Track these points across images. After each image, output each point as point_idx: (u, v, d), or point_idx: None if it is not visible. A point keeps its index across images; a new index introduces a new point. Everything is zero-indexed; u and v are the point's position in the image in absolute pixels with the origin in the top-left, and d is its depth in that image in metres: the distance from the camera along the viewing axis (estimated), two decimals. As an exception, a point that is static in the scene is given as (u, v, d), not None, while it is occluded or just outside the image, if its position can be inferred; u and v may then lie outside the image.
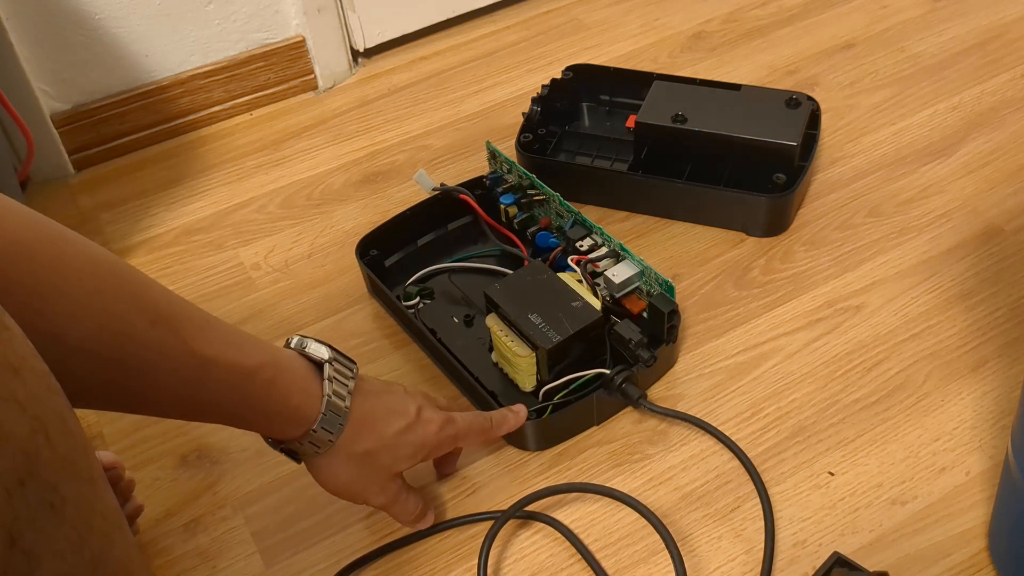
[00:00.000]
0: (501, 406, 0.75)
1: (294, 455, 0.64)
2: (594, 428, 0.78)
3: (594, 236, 0.86)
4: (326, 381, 0.62)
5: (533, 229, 0.90)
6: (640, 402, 0.76)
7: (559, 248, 0.87)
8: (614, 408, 0.79)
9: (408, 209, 0.92)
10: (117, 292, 0.51)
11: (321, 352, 0.63)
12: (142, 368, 0.53)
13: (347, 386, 0.63)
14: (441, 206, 0.93)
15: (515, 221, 0.91)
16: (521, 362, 0.77)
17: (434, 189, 0.91)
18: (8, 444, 0.34)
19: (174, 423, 0.81)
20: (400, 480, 0.68)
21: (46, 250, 0.48)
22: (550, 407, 0.76)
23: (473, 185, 0.93)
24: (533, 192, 0.90)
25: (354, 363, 0.65)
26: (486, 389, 0.77)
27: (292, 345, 0.63)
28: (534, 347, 0.76)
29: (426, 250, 0.92)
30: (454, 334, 0.84)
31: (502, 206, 0.91)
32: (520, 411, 0.74)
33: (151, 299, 0.54)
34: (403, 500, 0.68)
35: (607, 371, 0.76)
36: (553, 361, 0.76)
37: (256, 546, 0.73)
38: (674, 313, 0.79)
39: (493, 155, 0.94)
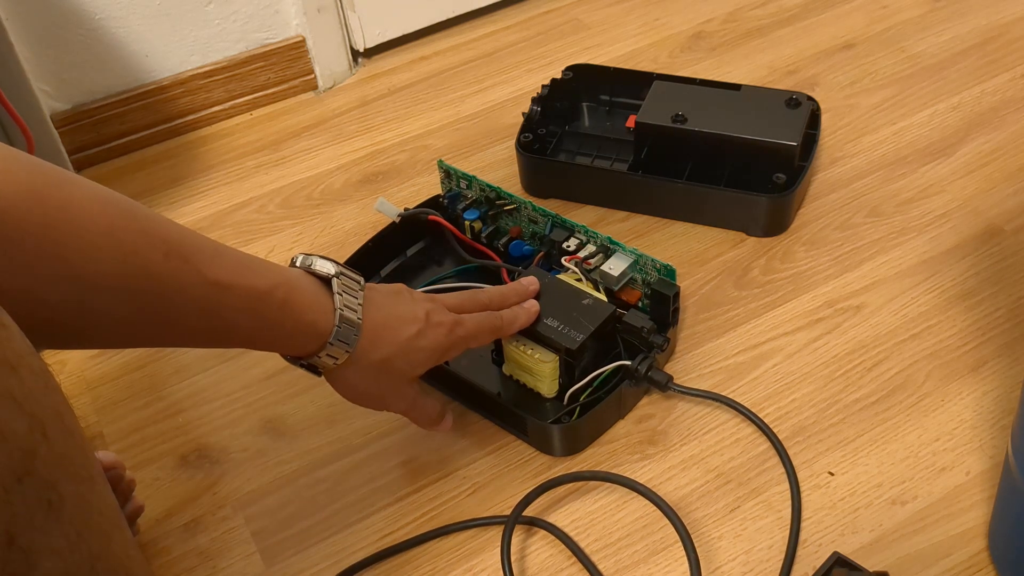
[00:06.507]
0: (527, 417, 0.75)
1: (314, 369, 0.66)
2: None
3: (578, 235, 0.85)
4: (336, 295, 0.63)
5: (504, 240, 0.89)
6: (669, 385, 0.77)
7: (540, 254, 0.86)
8: (636, 398, 0.79)
9: (369, 240, 0.90)
10: (129, 228, 0.52)
11: (327, 268, 0.64)
12: (161, 300, 0.55)
13: (357, 299, 0.65)
14: (399, 233, 0.91)
15: (482, 235, 0.90)
16: (545, 368, 0.76)
17: (398, 215, 0.89)
18: (5, 441, 0.34)
19: (174, 422, 0.82)
20: (417, 385, 0.71)
21: (55, 193, 0.49)
22: (578, 408, 0.76)
23: (430, 205, 0.92)
24: (502, 202, 0.89)
25: (361, 277, 0.66)
26: (509, 404, 0.77)
27: (298, 264, 0.65)
28: (558, 350, 0.75)
29: (391, 279, 0.90)
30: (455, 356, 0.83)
31: (467, 222, 0.89)
32: (532, 307, 0.75)
33: (162, 232, 0.55)
34: (421, 404, 0.72)
35: (628, 362, 0.76)
36: (577, 361, 0.76)
37: (256, 546, 0.73)
38: (677, 295, 0.79)
39: (448, 173, 0.91)
